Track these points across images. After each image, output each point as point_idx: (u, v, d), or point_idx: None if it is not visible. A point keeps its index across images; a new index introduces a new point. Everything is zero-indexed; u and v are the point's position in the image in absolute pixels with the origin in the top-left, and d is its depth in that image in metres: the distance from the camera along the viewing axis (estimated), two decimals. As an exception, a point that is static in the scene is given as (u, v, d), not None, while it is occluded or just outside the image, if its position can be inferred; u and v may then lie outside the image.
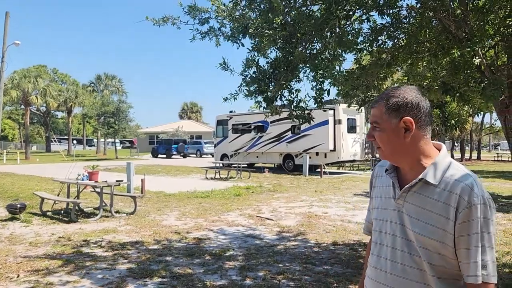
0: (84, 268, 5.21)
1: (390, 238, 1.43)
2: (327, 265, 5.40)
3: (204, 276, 4.94)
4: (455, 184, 1.32)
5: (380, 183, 1.56)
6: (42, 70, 52.88)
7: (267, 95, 4.18)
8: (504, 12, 4.04)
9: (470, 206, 1.29)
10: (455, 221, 1.30)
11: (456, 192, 1.31)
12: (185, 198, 11.58)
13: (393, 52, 4.50)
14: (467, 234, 1.29)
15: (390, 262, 1.42)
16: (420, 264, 1.36)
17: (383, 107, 1.40)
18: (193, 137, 50.36)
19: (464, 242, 1.30)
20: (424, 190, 1.37)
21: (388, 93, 1.43)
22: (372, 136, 1.44)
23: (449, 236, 1.31)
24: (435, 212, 1.33)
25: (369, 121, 1.47)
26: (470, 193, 1.29)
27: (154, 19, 4.41)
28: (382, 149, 1.42)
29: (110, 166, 24.71)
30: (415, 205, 1.37)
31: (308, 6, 4.29)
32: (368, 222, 1.67)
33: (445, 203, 1.32)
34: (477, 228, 1.28)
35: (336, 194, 12.76)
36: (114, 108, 36.03)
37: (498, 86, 3.56)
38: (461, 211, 1.29)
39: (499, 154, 39.33)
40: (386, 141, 1.40)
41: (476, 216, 1.28)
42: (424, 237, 1.33)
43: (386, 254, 1.44)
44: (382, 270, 1.44)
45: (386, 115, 1.39)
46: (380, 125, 1.41)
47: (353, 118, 20.91)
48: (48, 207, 9.43)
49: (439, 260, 1.34)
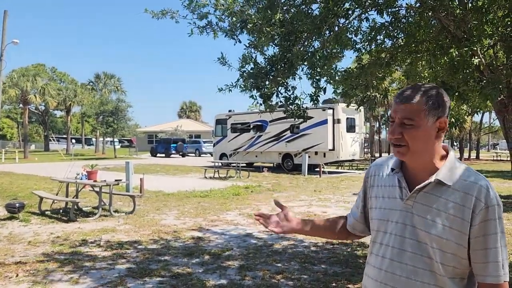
0: (83, 267, 5.21)
1: (396, 239, 1.40)
2: (326, 264, 5.41)
3: (203, 275, 4.94)
4: (471, 186, 1.32)
5: (380, 183, 1.52)
6: (40, 69, 52.90)
7: (264, 92, 4.18)
8: (503, 12, 4.04)
9: (487, 207, 1.29)
10: (471, 222, 1.30)
11: (472, 194, 1.30)
12: (184, 198, 11.58)
13: (392, 51, 4.50)
14: (484, 235, 1.30)
15: (398, 263, 1.39)
16: (431, 265, 1.34)
17: (423, 104, 1.34)
18: (192, 136, 50.33)
19: (482, 243, 1.30)
20: (437, 191, 1.35)
21: (425, 90, 1.37)
22: (399, 133, 1.35)
23: (463, 237, 1.31)
24: (451, 214, 1.32)
25: (395, 117, 1.37)
26: (487, 194, 1.30)
27: (153, 12, 4.41)
28: (408, 146, 1.35)
29: (109, 165, 24.70)
30: (427, 206, 1.36)
31: (307, 4, 4.29)
32: (355, 219, 1.66)
33: (460, 204, 1.31)
34: (495, 229, 1.30)
35: (335, 193, 12.77)
36: (113, 107, 36.02)
37: (497, 86, 3.56)
38: (478, 213, 1.29)
39: (498, 153, 39.37)
40: (419, 139, 1.35)
41: (494, 217, 1.30)
42: (440, 239, 1.32)
43: (392, 255, 1.41)
44: (388, 271, 1.41)
45: (425, 112, 1.34)
46: (416, 122, 1.34)
47: (352, 117, 20.92)
48: (47, 206, 9.43)
49: (452, 260, 1.34)
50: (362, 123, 22.69)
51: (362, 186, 1.63)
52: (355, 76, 4.63)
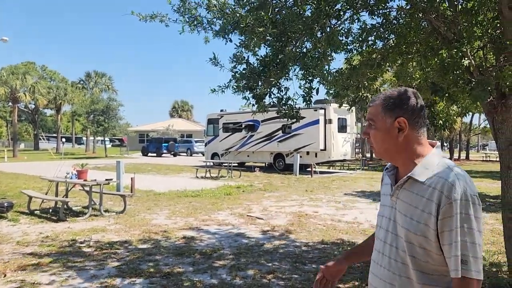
0: (72, 267, 5.17)
1: (383, 233, 1.52)
2: (317, 264, 5.42)
3: (194, 275, 4.93)
4: (438, 181, 1.36)
5: (384, 182, 1.64)
6: (30, 67, 52.23)
7: (256, 92, 4.18)
8: (492, 14, 4.08)
9: (450, 202, 1.31)
10: (437, 216, 1.34)
11: (438, 189, 1.35)
12: (175, 197, 11.53)
13: (383, 52, 4.52)
14: (449, 230, 1.32)
15: (381, 255, 1.51)
16: (404, 259, 1.42)
17: (380, 106, 1.46)
18: (184, 135, 50.17)
19: (446, 238, 1.33)
20: (412, 187, 1.42)
21: (385, 93, 1.49)
22: (367, 134, 1.50)
23: (431, 231, 1.35)
24: (419, 208, 1.38)
25: (366, 119, 1.52)
26: (451, 189, 1.32)
27: (141, 15, 4.31)
28: (374, 146, 1.50)
29: (99, 165, 24.53)
30: (404, 202, 1.44)
31: (299, 5, 4.29)
32: None
33: (428, 199, 1.36)
34: (456, 223, 1.31)
35: (326, 193, 12.81)
36: (104, 106, 35.80)
37: (486, 87, 3.60)
38: (443, 207, 1.33)
39: (487, 154, 39.77)
40: (380, 139, 1.47)
41: (456, 212, 1.31)
42: (409, 232, 1.39)
43: (379, 247, 1.53)
44: (375, 262, 1.54)
45: (382, 114, 1.45)
46: (376, 124, 1.47)
47: (344, 117, 21.01)
48: (36, 205, 9.34)
49: (423, 255, 1.38)
50: (353, 123, 22.79)
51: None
52: (347, 76, 4.65)
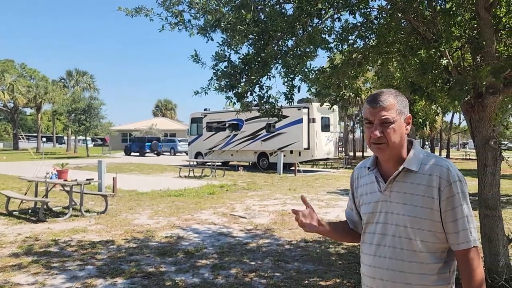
0: (52, 268, 5.08)
1: (380, 227, 1.61)
2: (299, 262, 5.45)
3: (175, 275, 4.90)
4: (434, 168, 1.55)
5: (363, 183, 1.74)
6: (9, 64, 51.13)
7: (238, 91, 4.17)
8: (470, 15, 4.15)
9: (449, 184, 1.51)
10: (439, 198, 1.52)
11: (436, 174, 1.53)
12: (158, 197, 11.44)
13: (364, 52, 4.56)
14: (452, 208, 1.51)
15: (382, 247, 1.59)
16: (409, 245, 1.54)
17: (395, 105, 1.57)
18: (167, 135, 49.80)
19: (451, 215, 1.51)
20: (407, 177, 1.57)
21: (393, 93, 1.60)
22: (381, 132, 1.55)
23: (435, 213, 1.52)
24: (420, 194, 1.53)
25: (373, 119, 1.57)
26: (448, 173, 1.52)
27: (127, 9, 4.31)
28: (387, 143, 1.55)
29: (81, 164, 24.17)
30: (401, 192, 1.57)
31: (281, 4, 4.30)
32: (355, 220, 1.84)
33: (427, 185, 1.53)
34: (459, 201, 1.51)
35: (309, 192, 12.88)
36: (85, 105, 35.22)
37: (464, 87, 3.66)
38: (443, 189, 1.51)
39: (467, 152, 40.48)
40: (398, 135, 1.56)
41: (457, 191, 1.52)
42: (416, 218, 1.53)
43: (378, 241, 1.61)
44: (376, 255, 1.61)
45: (398, 111, 1.57)
46: (393, 120, 1.55)
47: (327, 116, 21.13)
48: (15, 206, 9.15)
49: (430, 236, 1.53)
50: (336, 122, 22.96)
51: (350, 189, 1.85)
52: (328, 75, 4.67)
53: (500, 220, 4.13)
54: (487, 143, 4.04)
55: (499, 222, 4.11)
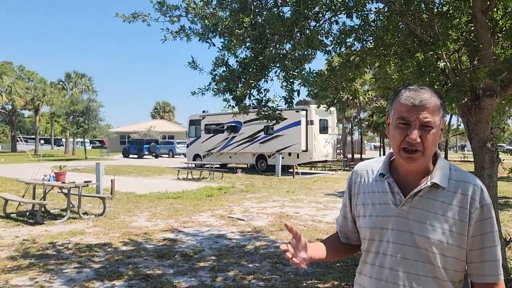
0: (49, 271, 5.07)
1: (395, 247, 1.34)
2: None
3: (173, 277, 4.89)
4: (465, 186, 1.31)
5: (366, 189, 1.45)
6: (7, 67, 51.08)
7: (236, 94, 4.18)
8: (466, 18, 4.17)
9: (482, 206, 1.29)
10: (468, 222, 1.28)
11: (468, 194, 1.29)
12: (156, 199, 11.43)
13: (362, 54, 4.58)
14: (481, 234, 1.29)
15: (395, 272, 1.33)
16: (433, 272, 1.30)
17: (440, 108, 1.31)
18: (166, 137, 49.75)
19: (479, 242, 1.29)
20: (433, 194, 1.31)
21: (435, 92, 1.33)
22: (420, 138, 1.27)
23: (464, 239, 1.29)
24: (450, 216, 1.29)
25: (411, 120, 1.28)
26: (481, 194, 1.30)
27: (124, 16, 4.33)
28: (423, 151, 1.28)
29: (79, 167, 24.12)
30: (424, 210, 1.31)
31: (278, 7, 4.31)
32: (347, 230, 1.57)
33: (458, 206, 1.29)
34: (491, 228, 1.30)
35: (307, 194, 12.88)
36: (84, 107, 35.12)
37: (461, 89, 3.67)
38: (474, 212, 1.28)
39: (465, 155, 40.58)
40: (435, 142, 1.31)
41: (489, 216, 1.30)
42: (441, 243, 1.28)
43: (391, 264, 1.34)
44: (389, 281, 1.34)
45: (441, 115, 1.32)
46: (436, 125, 1.29)
47: (325, 119, 21.18)
48: (12, 209, 9.13)
49: (453, 264, 1.31)
50: (334, 125, 23.00)
51: (346, 194, 1.55)
52: (326, 77, 4.69)
53: (497, 222, 4.13)
54: (484, 145, 4.05)
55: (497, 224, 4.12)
